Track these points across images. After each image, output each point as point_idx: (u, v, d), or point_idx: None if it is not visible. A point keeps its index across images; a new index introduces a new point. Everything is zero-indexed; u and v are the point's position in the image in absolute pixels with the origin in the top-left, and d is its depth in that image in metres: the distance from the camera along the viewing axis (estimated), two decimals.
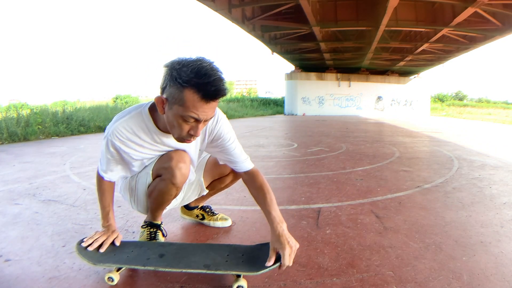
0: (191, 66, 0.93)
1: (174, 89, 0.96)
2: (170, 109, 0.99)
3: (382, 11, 8.01)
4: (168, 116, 1.02)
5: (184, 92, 0.94)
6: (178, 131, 1.02)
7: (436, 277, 1.14)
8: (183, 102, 0.95)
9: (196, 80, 0.92)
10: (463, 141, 5.58)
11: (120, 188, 1.36)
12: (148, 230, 1.36)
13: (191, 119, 0.98)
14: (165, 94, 0.99)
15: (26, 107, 10.09)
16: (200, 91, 0.93)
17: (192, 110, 0.96)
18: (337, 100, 18.71)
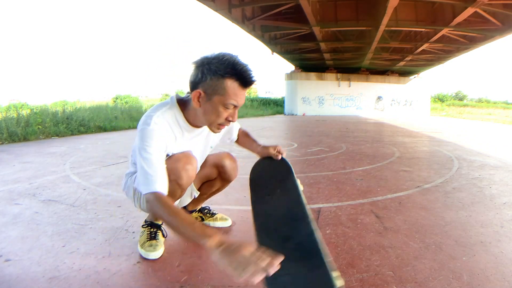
0: (225, 59, 1.04)
1: (213, 81, 1.04)
2: (209, 100, 1.07)
3: (382, 11, 8.01)
4: (206, 108, 1.09)
5: (225, 81, 1.04)
6: (217, 119, 1.10)
7: (436, 277, 1.14)
8: (225, 91, 1.05)
9: (234, 70, 1.04)
10: (463, 141, 5.58)
11: (124, 185, 1.36)
12: (148, 229, 1.36)
13: (231, 105, 1.08)
14: (201, 88, 1.06)
15: (26, 107, 10.09)
16: (239, 79, 1.05)
17: (233, 97, 1.06)
18: (337, 100, 18.70)
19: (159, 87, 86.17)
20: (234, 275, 0.73)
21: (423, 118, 16.48)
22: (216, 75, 1.04)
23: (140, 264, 1.24)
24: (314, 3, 8.79)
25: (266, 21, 10.10)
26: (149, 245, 1.30)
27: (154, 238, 1.34)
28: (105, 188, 2.36)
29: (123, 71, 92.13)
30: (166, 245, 1.40)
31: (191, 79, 1.09)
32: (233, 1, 8.43)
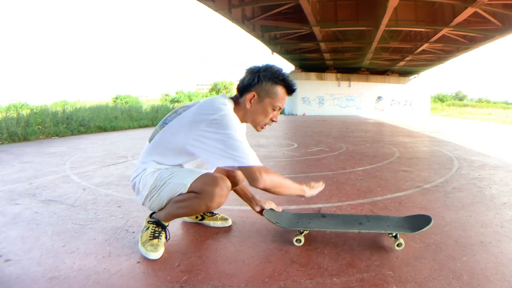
0: (277, 69, 1.31)
1: (268, 85, 1.29)
2: (261, 102, 1.30)
3: (382, 11, 8.01)
4: (256, 108, 1.31)
5: (276, 87, 1.30)
6: (264, 118, 1.33)
7: (436, 277, 1.14)
8: (275, 95, 1.30)
9: (284, 80, 1.31)
10: (463, 141, 5.58)
11: (139, 177, 1.34)
12: (153, 227, 1.35)
13: (277, 107, 1.32)
14: (255, 91, 1.29)
15: (26, 107, 10.09)
16: (287, 87, 1.32)
17: (280, 101, 1.32)
18: (337, 100, 18.71)
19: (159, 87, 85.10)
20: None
21: (423, 118, 16.47)
22: (271, 81, 1.29)
23: (140, 264, 1.24)
24: (314, 3, 8.80)
25: (266, 21, 10.11)
26: (150, 244, 1.30)
27: (157, 238, 1.32)
28: (105, 188, 2.36)
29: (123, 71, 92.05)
30: (166, 245, 1.40)
31: (245, 82, 1.30)
32: (233, 1, 8.44)
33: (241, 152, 1.17)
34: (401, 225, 1.44)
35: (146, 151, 1.37)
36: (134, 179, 1.36)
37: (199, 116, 1.23)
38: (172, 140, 1.29)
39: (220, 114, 1.20)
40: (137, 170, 1.37)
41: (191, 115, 1.26)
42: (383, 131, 7.77)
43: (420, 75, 20.00)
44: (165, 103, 17.13)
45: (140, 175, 1.34)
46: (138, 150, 4.29)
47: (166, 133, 1.31)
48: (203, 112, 1.23)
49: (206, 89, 48.00)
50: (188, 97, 31.18)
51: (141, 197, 1.35)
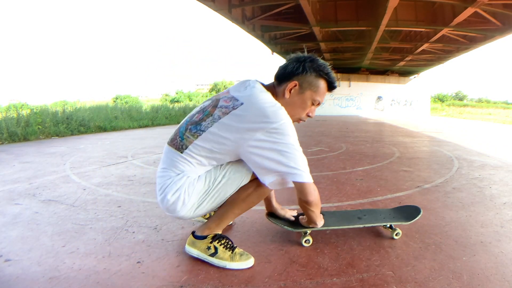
0: (324, 64, 1.23)
1: (312, 77, 1.21)
2: (302, 93, 1.22)
3: (382, 11, 8.00)
4: (295, 99, 1.22)
5: (320, 81, 1.22)
6: (301, 112, 1.25)
7: (436, 277, 1.14)
8: (317, 88, 1.22)
9: (329, 75, 1.23)
10: (463, 141, 5.58)
11: (181, 188, 1.17)
12: (221, 242, 1.25)
13: (316, 102, 1.24)
14: (297, 80, 1.21)
15: (26, 107, 10.08)
16: (329, 83, 1.24)
17: (321, 95, 1.24)
18: (337, 100, 18.70)
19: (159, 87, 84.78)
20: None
21: (423, 118, 16.47)
22: (316, 73, 1.21)
23: (140, 264, 1.24)
24: (314, 3, 8.79)
25: (266, 21, 10.09)
26: (239, 254, 1.23)
27: (235, 247, 1.26)
28: (105, 188, 2.36)
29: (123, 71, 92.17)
30: (166, 245, 1.40)
31: (288, 70, 1.21)
32: (233, 1, 8.43)
33: (299, 165, 1.12)
34: (394, 216, 1.56)
35: (176, 161, 1.20)
36: (172, 191, 1.17)
37: (253, 124, 1.10)
38: (217, 149, 1.16)
39: (281, 123, 1.10)
40: (172, 180, 1.19)
41: (241, 121, 1.12)
42: (383, 131, 7.76)
43: (420, 75, 19.98)
44: (165, 103, 17.12)
45: (179, 185, 1.17)
46: (138, 150, 4.29)
47: (206, 142, 1.16)
48: (259, 120, 1.10)
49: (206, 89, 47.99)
50: (188, 97, 31.17)
51: (183, 209, 1.18)
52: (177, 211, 1.18)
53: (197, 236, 1.27)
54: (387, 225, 1.49)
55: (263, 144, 1.11)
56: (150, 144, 5.03)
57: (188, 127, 1.22)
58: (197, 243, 1.27)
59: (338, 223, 1.46)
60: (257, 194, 1.23)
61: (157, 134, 6.79)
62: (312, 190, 1.18)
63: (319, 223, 1.35)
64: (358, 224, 1.45)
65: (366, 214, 1.58)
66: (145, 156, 3.83)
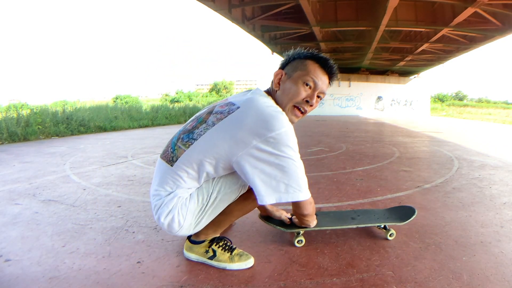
0: (306, 51, 1.17)
1: (295, 62, 1.15)
2: (290, 77, 1.14)
3: (382, 11, 8.00)
4: (285, 86, 1.14)
5: (306, 61, 1.14)
6: (296, 95, 1.12)
7: (436, 277, 1.14)
8: (306, 67, 1.13)
9: (315, 56, 1.15)
10: (463, 141, 5.58)
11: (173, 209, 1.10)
12: (219, 245, 1.23)
13: (311, 81, 1.12)
14: (284, 69, 1.17)
15: (26, 107, 10.09)
16: (320, 62, 1.14)
17: (313, 74, 1.12)
18: (337, 100, 18.70)
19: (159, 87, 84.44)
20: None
21: (423, 118, 16.48)
22: (299, 57, 1.15)
23: (140, 264, 1.24)
24: (314, 3, 8.79)
25: (266, 21, 10.09)
26: (239, 255, 1.22)
27: (234, 248, 1.25)
28: (105, 188, 2.36)
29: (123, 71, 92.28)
30: (166, 245, 1.40)
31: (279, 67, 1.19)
32: (233, 1, 8.43)
33: (299, 184, 1.05)
34: (388, 216, 1.55)
35: (166, 175, 1.13)
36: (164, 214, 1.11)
37: (250, 130, 1.01)
38: (210, 159, 1.07)
39: (281, 132, 1.00)
40: (163, 201, 1.12)
41: (236, 126, 1.03)
42: (383, 131, 7.76)
43: (420, 75, 19.98)
44: (165, 103, 17.12)
45: (171, 207, 1.11)
46: (138, 150, 4.29)
47: (198, 151, 1.08)
48: (256, 126, 1.01)
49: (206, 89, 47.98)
50: (188, 97, 31.15)
51: (182, 230, 1.14)
52: (176, 232, 1.14)
53: (194, 241, 1.25)
54: (381, 225, 1.49)
55: (260, 155, 1.01)
56: (150, 144, 5.03)
57: (181, 136, 1.15)
58: (194, 248, 1.25)
59: (332, 223, 1.46)
60: (255, 204, 1.19)
61: (157, 134, 6.79)
62: (308, 205, 1.17)
63: (312, 224, 1.35)
64: (352, 224, 1.45)
65: (360, 215, 1.58)
66: (145, 156, 3.83)
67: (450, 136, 6.52)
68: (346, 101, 18.81)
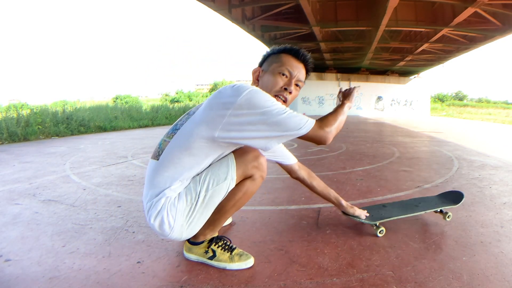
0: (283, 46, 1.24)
1: (271, 57, 1.23)
2: (267, 71, 1.21)
3: (382, 11, 8.00)
4: (263, 80, 1.21)
5: (280, 55, 1.22)
6: (274, 85, 1.19)
7: (436, 277, 1.14)
8: (280, 60, 1.21)
9: (288, 49, 1.23)
10: (463, 141, 5.58)
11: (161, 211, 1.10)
12: (218, 245, 1.23)
13: (286, 71, 1.19)
14: (262, 67, 1.25)
15: (26, 107, 10.09)
16: (292, 52, 1.22)
17: (288, 65, 1.20)
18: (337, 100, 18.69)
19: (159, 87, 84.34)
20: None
21: (423, 118, 16.48)
22: (273, 54, 1.23)
23: (140, 264, 1.24)
24: (314, 3, 8.80)
25: (266, 21, 10.10)
26: (237, 255, 1.22)
27: (233, 248, 1.24)
28: (105, 188, 2.36)
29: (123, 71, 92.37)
30: (166, 245, 1.40)
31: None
32: (233, 1, 8.43)
33: (292, 124, 1.04)
34: (443, 201, 1.71)
35: (154, 173, 1.13)
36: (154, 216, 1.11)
37: (220, 103, 1.05)
38: (192, 142, 1.08)
39: (248, 92, 1.03)
40: (152, 203, 1.12)
41: (209, 105, 1.08)
42: (383, 131, 7.76)
43: (420, 75, 19.98)
44: (165, 103, 17.13)
45: (160, 208, 1.10)
46: (138, 150, 4.29)
47: (180, 139, 1.10)
48: (226, 97, 1.05)
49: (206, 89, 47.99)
50: (188, 97, 31.17)
51: (174, 232, 1.13)
52: (169, 235, 1.13)
53: (193, 242, 1.25)
54: (437, 210, 1.63)
55: (240, 119, 1.02)
56: (150, 144, 5.03)
57: (167, 131, 1.19)
58: (193, 249, 1.25)
59: (402, 212, 1.58)
60: (246, 196, 1.19)
61: (157, 134, 6.78)
62: (321, 132, 1.10)
63: (348, 106, 1.29)
64: (419, 211, 1.59)
65: (421, 202, 1.72)
66: (145, 156, 3.83)
67: (450, 136, 6.52)
68: None
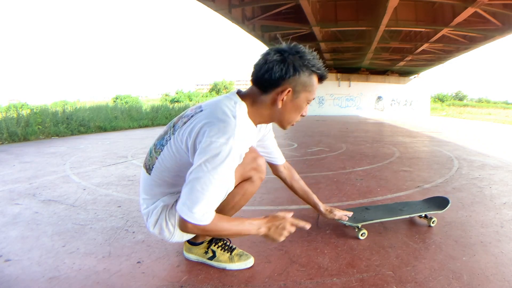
0: (312, 56, 1.01)
1: (305, 77, 1.01)
2: (297, 98, 1.02)
3: (382, 11, 8.01)
4: (290, 106, 1.03)
5: (312, 77, 1.02)
6: (297, 116, 1.07)
7: (436, 277, 1.14)
8: (312, 87, 1.04)
9: (318, 68, 1.02)
10: (463, 141, 5.58)
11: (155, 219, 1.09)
12: (218, 245, 1.22)
13: (311, 101, 1.07)
14: (289, 85, 0.99)
15: (26, 107, 10.10)
16: (320, 76, 1.04)
17: (314, 93, 1.06)
18: (337, 100, 18.71)
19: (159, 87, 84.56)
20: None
21: (423, 118, 16.48)
22: (308, 71, 1.00)
23: (140, 264, 1.24)
24: (314, 3, 8.79)
25: (266, 21, 10.10)
26: (239, 255, 1.21)
27: (233, 248, 1.24)
28: (105, 188, 2.36)
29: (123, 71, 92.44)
30: (166, 245, 1.40)
31: (275, 75, 0.97)
32: (233, 1, 8.43)
33: (192, 200, 0.91)
34: (429, 206, 1.68)
35: (148, 185, 1.12)
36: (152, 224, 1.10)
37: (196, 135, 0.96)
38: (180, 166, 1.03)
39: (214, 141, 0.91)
40: (149, 211, 1.11)
41: (190, 131, 0.98)
42: (383, 131, 7.76)
43: (420, 75, 19.99)
44: (165, 103, 17.13)
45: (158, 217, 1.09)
46: (138, 150, 4.29)
47: (166, 159, 1.06)
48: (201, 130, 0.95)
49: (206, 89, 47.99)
50: (188, 97, 31.15)
51: (174, 237, 1.13)
52: (169, 239, 1.13)
53: (192, 243, 1.24)
54: (422, 215, 1.61)
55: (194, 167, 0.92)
56: (150, 144, 5.02)
57: (155, 142, 1.13)
58: (193, 249, 1.24)
59: (386, 215, 1.56)
60: (245, 198, 1.17)
61: (157, 134, 6.78)
62: (186, 227, 0.94)
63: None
64: (402, 215, 1.56)
65: (405, 206, 1.69)
66: (145, 156, 3.83)
67: (450, 136, 6.52)
68: (346, 101, 18.81)
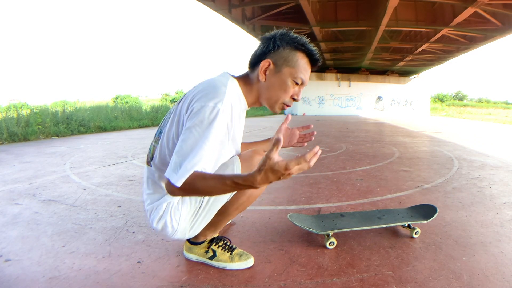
0: (298, 36, 1.06)
1: (286, 51, 1.03)
2: (279, 72, 1.03)
3: (382, 11, 8.02)
4: (273, 81, 1.04)
5: (297, 54, 1.04)
6: (283, 95, 1.05)
7: (436, 277, 1.14)
8: (296, 64, 1.03)
9: (306, 48, 1.04)
10: (463, 141, 5.58)
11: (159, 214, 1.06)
12: (219, 245, 1.22)
13: (299, 80, 1.05)
14: (271, 58, 1.03)
15: (26, 107, 10.10)
16: (309, 56, 1.06)
17: (303, 72, 1.04)
18: (337, 100, 18.73)
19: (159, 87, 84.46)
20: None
21: (423, 118, 16.48)
22: (290, 46, 1.03)
23: (140, 264, 1.24)
24: (314, 3, 8.81)
25: (266, 21, 10.10)
26: (237, 255, 1.21)
27: (234, 248, 1.23)
28: (105, 188, 2.36)
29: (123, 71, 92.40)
30: (166, 245, 1.40)
31: (257, 52, 1.05)
32: (233, 1, 8.44)
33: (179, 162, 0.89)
34: (412, 215, 1.56)
35: (151, 179, 1.10)
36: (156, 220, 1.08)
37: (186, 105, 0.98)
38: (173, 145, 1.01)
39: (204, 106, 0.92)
40: (153, 207, 1.09)
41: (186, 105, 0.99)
42: (383, 131, 7.76)
43: (420, 75, 20.01)
44: (165, 103, 17.14)
45: (162, 213, 1.07)
46: (138, 150, 4.29)
47: (164, 146, 1.04)
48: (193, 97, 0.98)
49: None
50: None
51: (176, 234, 1.11)
52: (171, 236, 1.12)
53: (193, 242, 1.24)
54: (405, 224, 1.49)
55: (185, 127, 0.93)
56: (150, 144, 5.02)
57: (155, 133, 1.15)
58: (194, 249, 1.24)
59: (360, 224, 1.44)
60: (250, 200, 1.16)
61: None
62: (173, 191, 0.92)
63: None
64: (380, 224, 1.45)
65: (385, 214, 1.57)
66: (145, 156, 3.83)
67: (450, 136, 6.52)
68: (346, 101, 18.83)
